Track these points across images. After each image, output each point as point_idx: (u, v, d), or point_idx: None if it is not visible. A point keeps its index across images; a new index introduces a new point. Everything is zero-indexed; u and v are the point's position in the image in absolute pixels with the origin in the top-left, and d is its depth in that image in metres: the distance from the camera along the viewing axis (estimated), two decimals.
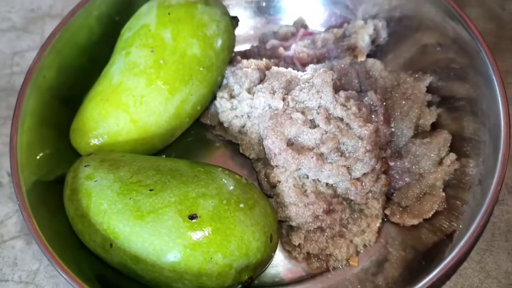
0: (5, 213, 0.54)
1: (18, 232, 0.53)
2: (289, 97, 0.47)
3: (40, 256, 0.51)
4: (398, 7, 0.55)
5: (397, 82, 0.51)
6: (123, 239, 0.40)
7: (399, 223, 0.48)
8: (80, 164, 0.45)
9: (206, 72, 0.50)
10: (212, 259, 0.40)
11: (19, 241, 0.52)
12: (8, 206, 0.54)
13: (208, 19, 0.50)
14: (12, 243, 0.52)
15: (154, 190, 0.41)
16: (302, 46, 0.55)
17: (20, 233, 0.53)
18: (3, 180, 0.56)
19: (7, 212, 0.54)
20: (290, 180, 0.46)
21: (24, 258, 0.51)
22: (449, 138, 0.49)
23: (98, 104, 0.48)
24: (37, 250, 0.51)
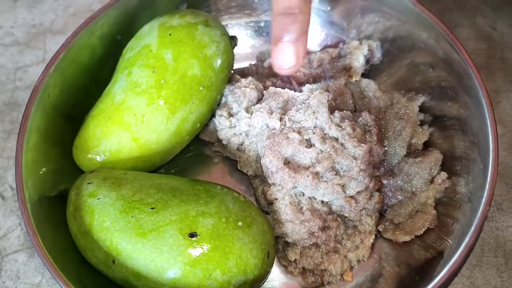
0: (7, 227, 0.55)
1: (21, 246, 0.54)
2: (286, 117, 0.49)
3: (42, 270, 0.52)
4: (392, 28, 0.56)
5: (390, 102, 0.53)
6: (125, 256, 0.42)
7: (392, 239, 0.50)
8: (83, 181, 0.46)
9: (206, 92, 0.51)
10: (212, 276, 0.41)
11: (21, 255, 0.53)
12: (11, 219, 0.55)
13: (208, 40, 0.51)
14: (14, 256, 0.53)
15: (155, 209, 0.43)
16: None
17: (23, 246, 0.54)
18: (6, 194, 0.57)
19: (10, 225, 0.55)
20: (286, 197, 0.47)
21: (27, 272, 0.52)
22: (440, 157, 0.51)
23: (101, 122, 0.49)
24: (39, 263, 0.53)
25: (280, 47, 0.45)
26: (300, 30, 0.45)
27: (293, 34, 0.45)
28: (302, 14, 0.45)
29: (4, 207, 0.56)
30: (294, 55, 0.45)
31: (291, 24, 0.45)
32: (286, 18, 0.45)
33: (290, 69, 0.46)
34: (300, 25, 0.45)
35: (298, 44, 0.45)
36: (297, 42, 0.45)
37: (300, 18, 0.45)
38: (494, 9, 0.68)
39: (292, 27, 0.45)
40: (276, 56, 0.46)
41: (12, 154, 0.59)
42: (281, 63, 0.46)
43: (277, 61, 0.46)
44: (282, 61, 0.46)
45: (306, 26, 0.46)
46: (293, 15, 0.45)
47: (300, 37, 0.45)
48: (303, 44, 0.46)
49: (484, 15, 0.68)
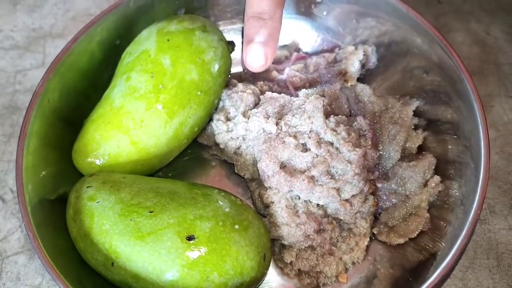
0: (8, 229, 0.55)
1: (21, 248, 0.54)
2: (282, 121, 0.50)
3: (42, 271, 0.53)
4: (387, 33, 0.57)
5: (385, 107, 0.54)
6: (124, 259, 0.43)
7: (386, 241, 0.51)
8: (82, 185, 0.47)
9: (203, 96, 0.52)
10: (209, 278, 0.42)
11: (22, 256, 0.54)
12: (11, 222, 0.56)
13: (205, 46, 0.52)
14: (15, 258, 0.54)
15: (153, 212, 0.43)
16: (295, 71, 0.57)
17: (23, 248, 0.54)
18: (6, 197, 0.57)
19: (10, 228, 0.56)
20: (282, 201, 0.48)
21: (27, 273, 0.53)
22: (434, 161, 0.52)
23: (100, 126, 0.50)
24: (40, 265, 0.53)
25: (251, 48, 0.50)
26: (269, 34, 0.50)
27: (262, 38, 0.49)
28: (271, 20, 0.50)
29: (5, 210, 0.57)
30: (263, 56, 0.50)
31: (260, 28, 0.49)
32: (257, 22, 0.50)
33: (259, 68, 0.51)
34: (269, 30, 0.50)
35: (267, 47, 0.50)
36: (266, 45, 0.50)
37: (269, 23, 0.49)
38: (489, 14, 0.69)
39: (262, 30, 0.49)
40: (247, 55, 0.51)
41: (12, 158, 0.60)
42: (251, 62, 0.51)
43: (247, 60, 0.51)
44: (252, 60, 0.51)
45: (275, 32, 0.51)
46: (263, 20, 0.49)
47: (268, 41, 0.50)
48: (271, 47, 0.51)
49: (478, 20, 0.69)
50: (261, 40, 0.49)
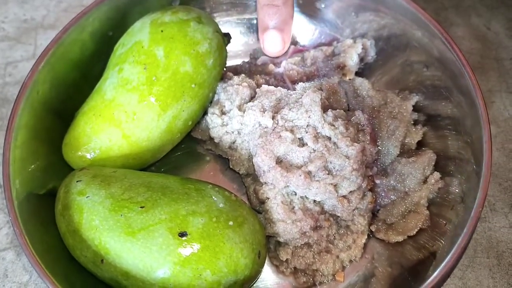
0: None
1: (9, 244, 0.53)
2: (278, 115, 0.48)
3: (30, 268, 0.52)
4: (386, 26, 0.56)
5: (384, 101, 0.52)
6: (114, 255, 0.41)
7: (384, 239, 0.49)
8: (72, 179, 0.46)
9: (198, 89, 0.50)
10: (201, 276, 0.41)
11: (9, 253, 0.53)
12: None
13: (200, 37, 0.50)
14: (2, 254, 0.53)
15: (145, 207, 0.42)
16: (292, 64, 0.56)
17: (11, 244, 0.53)
18: None
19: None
20: (278, 197, 0.47)
21: (15, 270, 0.52)
22: (433, 157, 0.51)
23: (91, 119, 0.49)
24: (27, 262, 0.52)
25: (267, 35, 0.52)
26: (283, 20, 0.51)
27: (278, 23, 0.51)
28: (284, 6, 0.51)
29: None
30: (281, 41, 0.53)
31: (274, 14, 0.51)
32: (270, 9, 0.51)
33: (277, 53, 0.54)
34: (283, 16, 0.51)
35: (283, 32, 0.52)
36: (282, 31, 0.52)
37: (283, 10, 0.51)
38: (490, 8, 0.68)
39: (276, 17, 0.51)
40: (264, 42, 0.53)
41: (0, 151, 0.58)
42: (269, 48, 0.53)
43: (265, 46, 0.53)
44: (270, 46, 0.53)
45: (289, 18, 0.52)
46: (276, 7, 0.51)
47: (284, 27, 0.52)
48: (287, 33, 0.52)
49: (479, 14, 0.68)
50: (277, 26, 0.51)
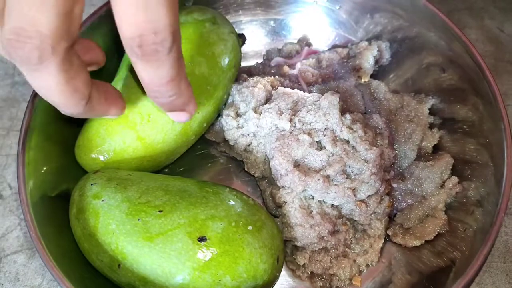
0: (6, 227, 0.53)
1: (20, 246, 0.52)
2: (296, 118, 0.48)
3: (42, 271, 0.51)
4: (401, 28, 0.55)
5: (400, 105, 0.52)
6: (131, 260, 0.40)
7: (401, 244, 0.49)
8: (86, 182, 0.45)
9: (213, 91, 0.50)
10: (221, 282, 0.40)
11: (21, 256, 0.52)
12: (9, 219, 0.54)
13: (216, 38, 0.50)
14: (14, 257, 0.52)
15: (163, 212, 0.41)
16: (307, 65, 0.55)
17: (22, 247, 0.52)
18: (4, 193, 0.55)
19: (9, 225, 0.53)
20: (296, 201, 0.46)
21: (26, 273, 0.51)
22: (451, 161, 0.50)
23: (105, 120, 0.48)
24: (39, 265, 0.51)
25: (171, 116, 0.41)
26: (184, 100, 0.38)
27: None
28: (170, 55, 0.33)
29: (3, 207, 0.54)
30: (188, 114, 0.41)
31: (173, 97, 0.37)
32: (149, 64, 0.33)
33: None
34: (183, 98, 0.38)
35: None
36: None
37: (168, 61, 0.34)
38: (502, 11, 0.68)
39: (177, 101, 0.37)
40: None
41: (11, 152, 0.57)
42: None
43: None
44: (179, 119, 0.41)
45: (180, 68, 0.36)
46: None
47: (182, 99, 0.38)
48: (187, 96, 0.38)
49: (492, 17, 0.68)
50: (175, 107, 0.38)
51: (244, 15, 0.60)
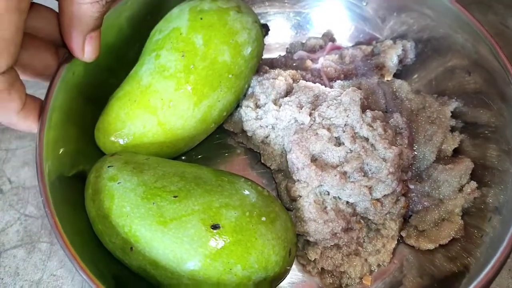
0: (6, 221, 0.53)
1: (20, 241, 0.52)
2: (316, 112, 0.47)
3: (42, 266, 0.51)
4: (428, 28, 0.55)
5: (422, 106, 0.51)
6: (144, 244, 0.41)
7: (415, 246, 0.48)
8: (103, 164, 0.45)
9: (234, 80, 0.50)
10: (232, 270, 0.40)
11: (20, 250, 0.52)
12: (9, 214, 0.54)
13: (240, 27, 0.50)
14: (13, 252, 0.52)
15: (178, 197, 0.41)
16: (330, 61, 0.55)
17: (22, 241, 0.52)
18: (4, 188, 0.55)
19: (8, 220, 0.53)
20: (311, 195, 0.46)
21: (26, 268, 0.51)
22: (471, 166, 0.50)
23: (126, 104, 0.48)
24: (39, 260, 0.51)
25: None
26: None
27: None
28: None
29: (3, 201, 0.54)
30: None
31: None
32: None
33: None
34: None
35: None
36: None
37: None
38: (506, 6, 0.66)
39: None
40: None
41: (10, 146, 0.58)
42: None
43: None
44: None
45: None
46: None
47: None
48: None
49: (495, 12, 0.66)
50: None
51: (271, 6, 0.60)
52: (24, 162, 0.57)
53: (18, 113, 0.39)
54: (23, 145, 0.58)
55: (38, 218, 0.54)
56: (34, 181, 0.56)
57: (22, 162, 0.57)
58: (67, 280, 0.51)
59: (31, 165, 0.57)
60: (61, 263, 0.51)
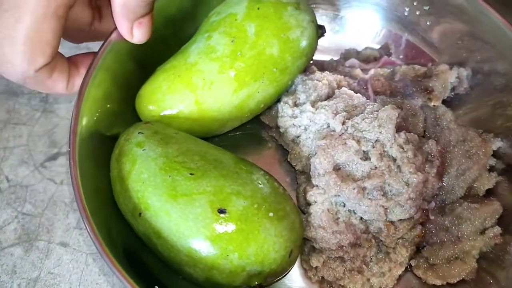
0: (3, 219, 0.54)
1: (18, 239, 0.53)
2: (349, 122, 0.47)
3: (40, 264, 0.52)
4: (490, 61, 0.52)
5: (463, 138, 0.49)
6: (152, 212, 0.42)
7: (422, 278, 0.47)
8: (135, 129, 0.47)
9: (278, 74, 0.50)
10: (228, 257, 0.40)
11: (18, 248, 0.53)
12: (6, 212, 0.55)
13: (294, 23, 0.50)
14: (11, 250, 0.52)
15: (194, 175, 0.42)
16: (380, 74, 0.54)
17: (20, 240, 0.53)
18: (2, 186, 0.56)
19: (6, 218, 0.54)
20: (326, 203, 0.46)
21: (23, 266, 0.52)
22: (499, 210, 0.47)
23: (169, 77, 0.49)
24: (36, 258, 0.52)
25: None
26: None
27: None
28: None
29: (0, 199, 0.55)
30: None
31: None
32: None
33: None
34: None
35: None
36: None
37: None
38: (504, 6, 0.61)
39: None
40: None
41: (8, 145, 0.59)
42: None
43: None
44: None
45: None
46: None
47: None
48: None
49: None
50: None
51: (329, 9, 0.59)
52: (22, 161, 0.58)
53: (65, 89, 0.44)
54: (21, 143, 0.59)
55: (36, 216, 0.55)
56: (31, 179, 0.57)
57: (20, 161, 0.58)
58: (65, 278, 0.51)
59: (29, 163, 0.58)
60: (58, 261, 0.52)
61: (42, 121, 0.61)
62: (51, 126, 0.61)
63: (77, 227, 0.54)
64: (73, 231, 0.54)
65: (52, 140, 0.60)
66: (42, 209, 0.55)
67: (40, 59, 0.39)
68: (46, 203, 0.56)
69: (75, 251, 0.53)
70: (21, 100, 0.61)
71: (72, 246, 0.53)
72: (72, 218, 0.55)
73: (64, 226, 0.54)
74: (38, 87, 0.42)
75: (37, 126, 0.61)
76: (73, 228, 0.54)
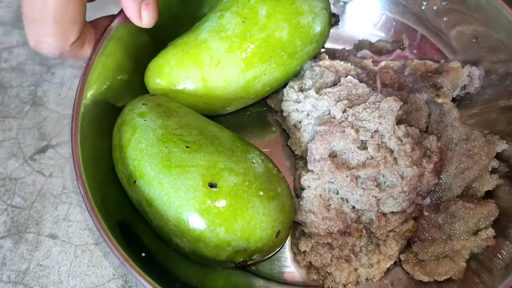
0: None
1: (7, 232, 0.53)
2: (350, 110, 0.47)
3: (29, 256, 0.52)
4: (505, 62, 0.51)
5: (466, 137, 0.48)
6: (145, 181, 0.43)
7: (409, 273, 0.47)
8: (140, 100, 0.48)
9: (286, 58, 0.50)
10: (215, 230, 0.41)
11: (7, 241, 0.53)
12: None
13: (306, 9, 0.50)
14: (0, 242, 0.53)
15: (189, 148, 0.43)
16: (390, 67, 0.53)
17: (9, 232, 0.53)
18: None
19: None
20: (319, 189, 0.46)
21: (13, 258, 0.52)
22: (494, 212, 0.46)
23: (179, 52, 0.50)
24: (26, 250, 0.53)
25: None
26: None
27: None
28: None
29: None
30: None
31: None
32: None
33: None
34: None
35: None
36: None
37: None
38: None
39: None
40: None
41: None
42: None
43: None
44: None
45: None
46: None
47: None
48: None
49: None
50: None
51: None
52: (11, 154, 0.59)
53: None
54: (10, 136, 0.60)
55: (25, 209, 0.55)
56: (21, 172, 0.57)
57: (9, 154, 0.59)
58: (54, 270, 0.52)
59: (18, 156, 0.58)
60: (47, 253, 0.53)
61: (31, 114, 0.61)
62: (40, 119, 0.61)
63: (66, 219, 0.55)
64: (62, 223, 0.55)
65: (41, 133, 0.60)
66: (31, 201, 0.56)
67: (72, 36, 0.44)
68: (35, 196, 0.56)
69: (64, 243, 0.53)
70: (10, 93, 0.62)
71: (61, 238, 0.54)
72: (61, 210, 0.55)
73: (53, 218, 0.55)
74: (72, 58, 0.47)
75: (26, 119, 0.61)
76: (62, 220, 0.55)
